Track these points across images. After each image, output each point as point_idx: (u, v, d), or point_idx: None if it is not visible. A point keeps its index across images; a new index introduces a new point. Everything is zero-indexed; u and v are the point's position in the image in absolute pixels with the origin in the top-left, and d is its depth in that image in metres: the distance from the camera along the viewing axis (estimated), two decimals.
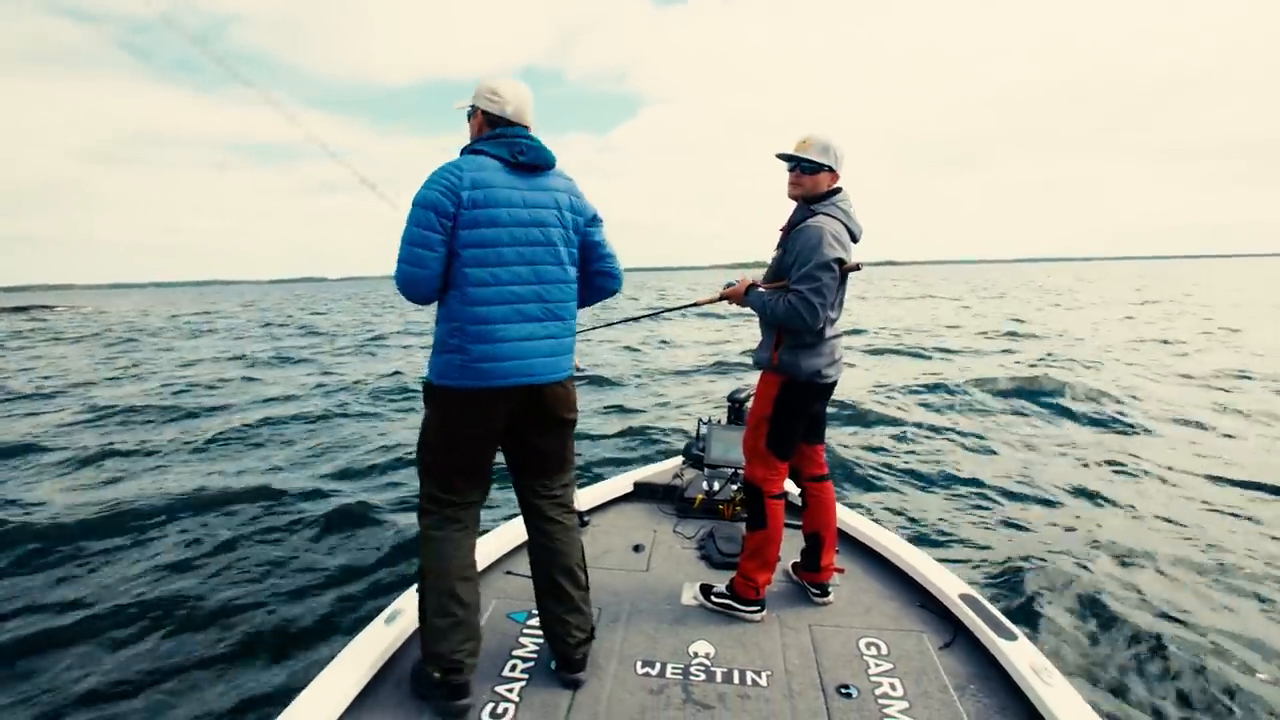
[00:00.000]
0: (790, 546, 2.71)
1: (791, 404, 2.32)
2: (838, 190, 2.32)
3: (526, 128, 1.92)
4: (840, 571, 2.70)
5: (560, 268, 1.91)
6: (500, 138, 1.87)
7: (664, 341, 16.83)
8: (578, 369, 2.10)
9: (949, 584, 2.51)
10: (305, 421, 8.14)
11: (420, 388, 1.94)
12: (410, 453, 6.30)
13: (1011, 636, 2.16)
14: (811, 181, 2.30)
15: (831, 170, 2.29)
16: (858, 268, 2.24)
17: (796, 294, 2.17)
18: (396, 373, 11.88)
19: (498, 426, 1.89)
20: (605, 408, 8.79)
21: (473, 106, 1.93)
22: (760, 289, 2.35)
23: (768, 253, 2.37)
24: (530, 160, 1.86)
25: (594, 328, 2.30)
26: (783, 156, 2.33)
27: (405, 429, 7.68)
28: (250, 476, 5.85)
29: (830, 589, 2.55)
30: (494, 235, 1.81)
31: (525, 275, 1.85)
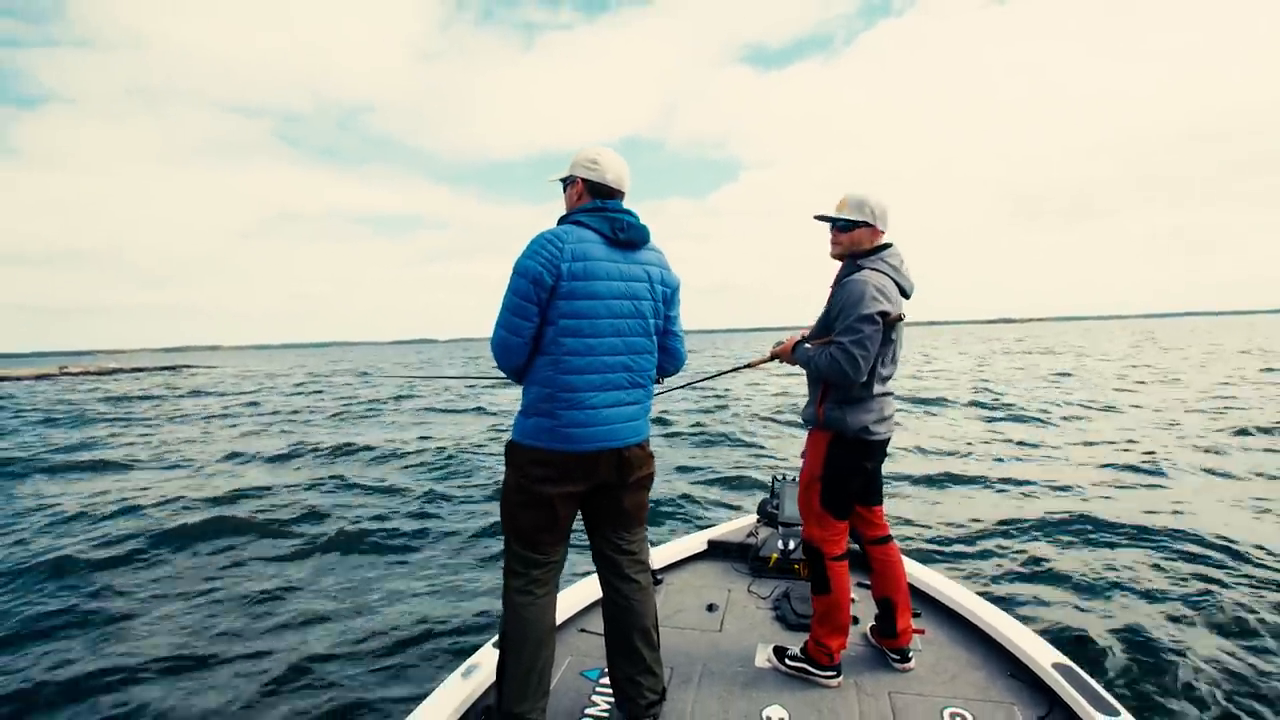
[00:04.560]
0: (869, 607, 2.66)
1: (842, 461, 2.32)
2: (886, 246, 2.36)
3: (623, 194, 2.00)
4: (921, 633, 2.62)
5: (647, 338, 2.01)
6: (601, 211, 1.93)
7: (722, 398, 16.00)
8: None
9: (1041, 652, 2.37)
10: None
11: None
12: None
13: (1114, 713, 2.02)
14: (849, 239, 2.36)
15: (870, 226, 2.33)
16: (901, 318, 2.25)
17: (838, 346, 2.19)
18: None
19: (582, 488, 1.93)
20: (677, 466, 8.50)
21: (571, 175, 1.99)
22: (806, 345, 2.40)
23: None
24: (629, 237, 1.94)
25: (663, 391, 2.42)
26: (820, 218, 2.40)
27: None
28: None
29: (911, 654, 2.47)
30: (590, 308, 1.87)
31: (616, 346, 1.93)
